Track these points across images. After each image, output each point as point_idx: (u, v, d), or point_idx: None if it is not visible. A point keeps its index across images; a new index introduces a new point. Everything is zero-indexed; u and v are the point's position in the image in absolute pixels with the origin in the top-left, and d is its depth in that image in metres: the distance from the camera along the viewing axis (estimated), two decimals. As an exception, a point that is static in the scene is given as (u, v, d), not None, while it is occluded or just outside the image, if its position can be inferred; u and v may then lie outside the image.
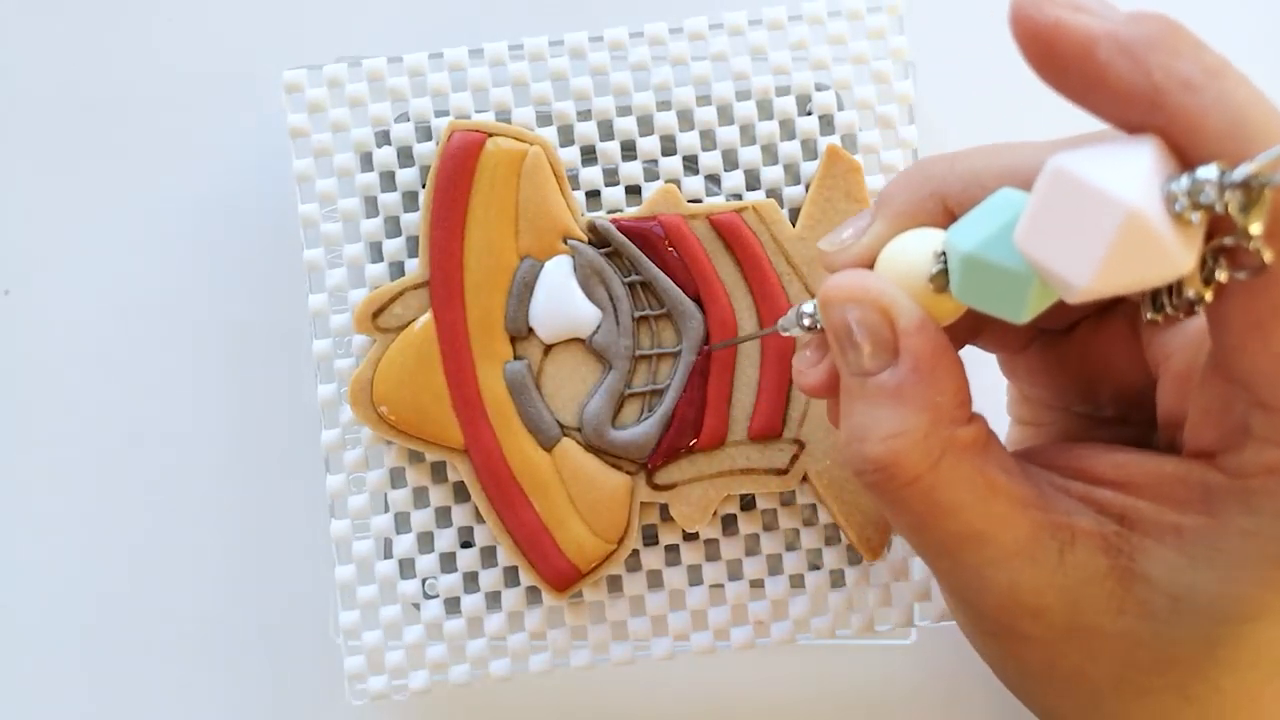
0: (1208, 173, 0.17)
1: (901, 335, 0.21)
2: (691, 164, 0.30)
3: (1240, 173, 0.17)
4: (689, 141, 0.30)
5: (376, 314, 0.28)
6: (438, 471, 0.29)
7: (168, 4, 0.32)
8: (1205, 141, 0.18)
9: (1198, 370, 0.22)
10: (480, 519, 0.29)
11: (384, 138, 0.29)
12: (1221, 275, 0.19)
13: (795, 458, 0.29)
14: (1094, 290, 0.18)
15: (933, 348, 0.21)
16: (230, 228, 0.32)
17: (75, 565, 0.31)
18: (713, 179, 0.30)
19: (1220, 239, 0.18)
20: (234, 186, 0.32)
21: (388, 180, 0.29)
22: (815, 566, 0.30)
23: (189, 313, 0.32)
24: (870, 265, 0.23)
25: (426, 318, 0.28)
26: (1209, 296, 0.19)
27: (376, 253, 0.29)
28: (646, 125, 0.30)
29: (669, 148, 0.30)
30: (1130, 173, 0.18)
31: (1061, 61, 0.19)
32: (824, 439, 0.29)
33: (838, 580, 0.30)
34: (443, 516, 0.29)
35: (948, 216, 0.22)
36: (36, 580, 0.31)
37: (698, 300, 0.29)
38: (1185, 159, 0.18)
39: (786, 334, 0.25)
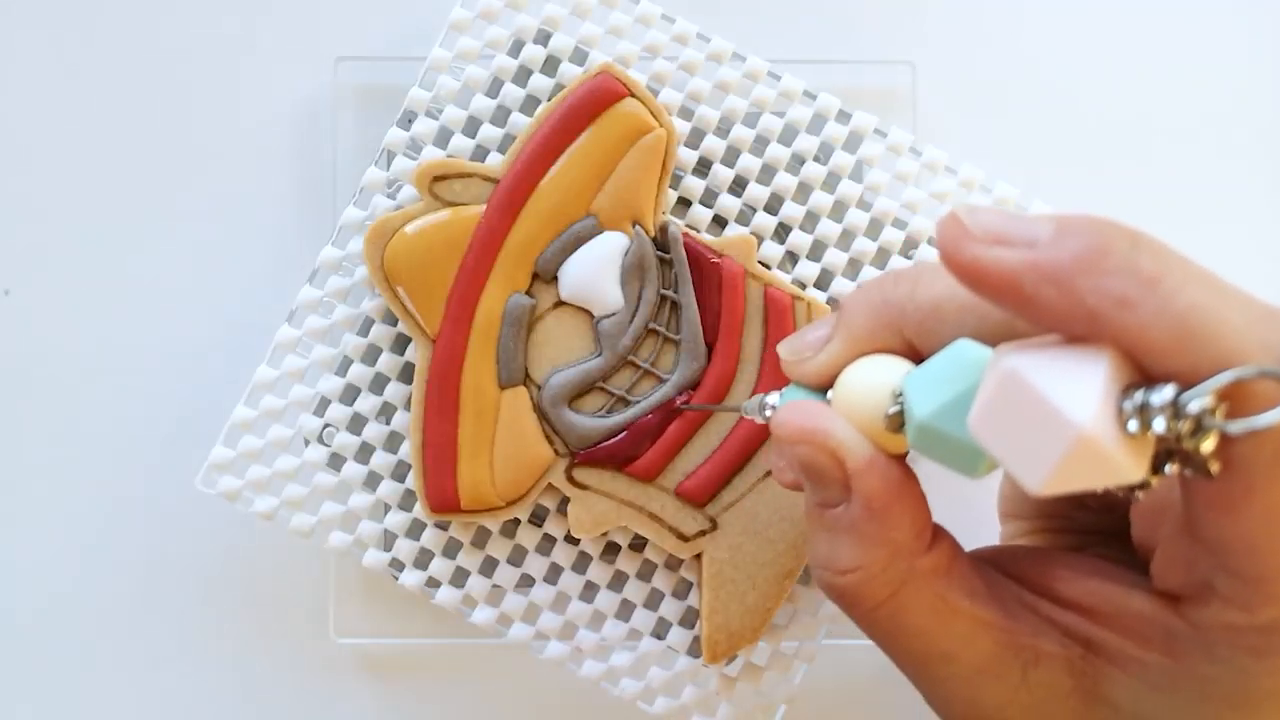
0: (1160, 397, 0.17)
1: (852, 476, 0.21)
2: (782, 234, 0.30)
3: (1192, 407, 0.17)
4: (793, 213, 0.30)
5: (438, 178, 0.28)
6: (398, 345, 0.29)
7: (167, 4, 0.32)
8: (1154, 356, 0.18)
9: (1168, 507, 0.21)
10: (407, 407, 0.29)
11: (543, 37, 0.29)
12: (1171, 469, 0.18)
13: (702, 533, 0.29)
14: (1044, 494, 0.18)
15: (885, 485, 0.21)
16: (231, 228, 0.31)
17: (75, 565, 0.31)
18: (791, 256, 0.30)
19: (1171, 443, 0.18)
20: (235, 186, 0.31)
21: (522, 75, 0.29)
22: (658, 636, 0.30)
23: (189, 313, 0.31)
24: (828, 384, 0.22)
25: (475, 210, 0.28)
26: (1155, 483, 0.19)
27: (472, 128, 0.29)
28: (767, 175, 0.30)
29: (774, 207, 0.30)
30: (1083, 387, 0.17)
31: (993, 295, 0.19)
32: (736, 534, 0.29)
33: (667, 661, 0.30)
34: (378, 383, 0.29)
35: (907, 345, 0.22)
36: (35, 580, 0.31)
37: (710, 348, 0.29)
38: (1142, 370, 0.18)
39: (749, 417, 0.25)
